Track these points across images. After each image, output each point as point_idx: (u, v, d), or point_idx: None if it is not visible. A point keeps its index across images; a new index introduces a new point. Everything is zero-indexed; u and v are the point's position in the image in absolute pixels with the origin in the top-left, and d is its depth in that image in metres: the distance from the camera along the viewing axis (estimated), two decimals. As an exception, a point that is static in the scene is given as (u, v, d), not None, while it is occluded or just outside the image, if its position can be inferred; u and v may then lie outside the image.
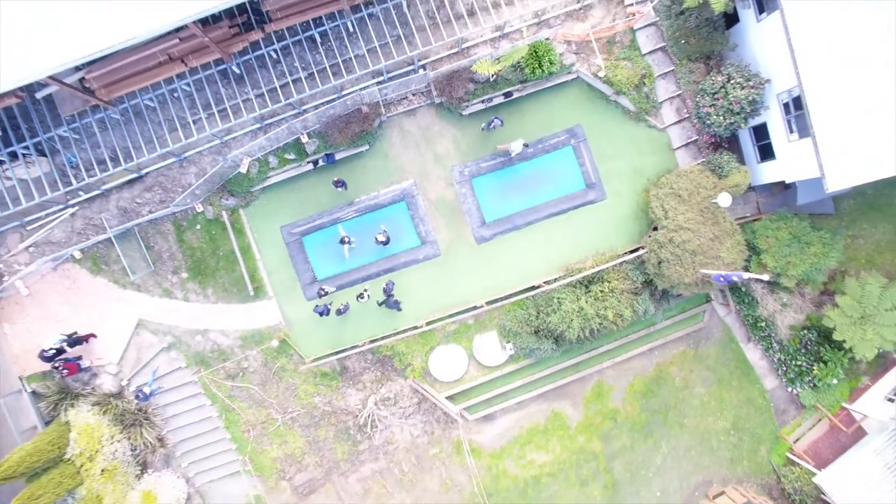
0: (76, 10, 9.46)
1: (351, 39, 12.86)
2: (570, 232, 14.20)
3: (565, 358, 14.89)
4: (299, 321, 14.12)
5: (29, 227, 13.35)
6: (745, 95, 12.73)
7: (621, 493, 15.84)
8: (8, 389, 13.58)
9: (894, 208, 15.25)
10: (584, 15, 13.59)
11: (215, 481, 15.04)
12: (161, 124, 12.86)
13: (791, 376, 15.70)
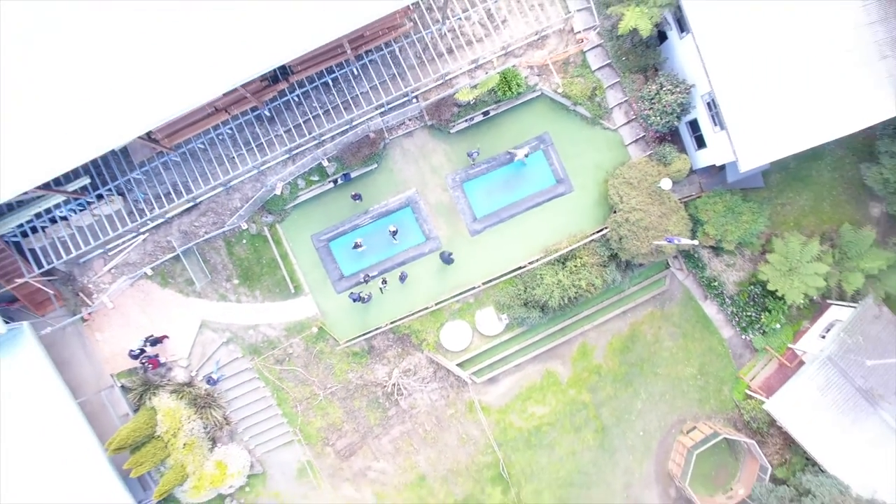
0: (157, 86, 12.95)
1: (356, 81, 16.41)
2: (546, 220, 17.72)
3: (552, 324, 18.40)
4: (332, 311, 17.65)
5: (110, 253, 16.90)
6: (674, 99, 16.22)
7: (610, 435, 19.29)
8: (104, 385, 17.13)
9: (813, 179, 18.73)
10: (542, 44, 17.10)
11: (272, 451, 18.55)
12: (210, 161, 16.42)
13: (743, 325, 19.17)
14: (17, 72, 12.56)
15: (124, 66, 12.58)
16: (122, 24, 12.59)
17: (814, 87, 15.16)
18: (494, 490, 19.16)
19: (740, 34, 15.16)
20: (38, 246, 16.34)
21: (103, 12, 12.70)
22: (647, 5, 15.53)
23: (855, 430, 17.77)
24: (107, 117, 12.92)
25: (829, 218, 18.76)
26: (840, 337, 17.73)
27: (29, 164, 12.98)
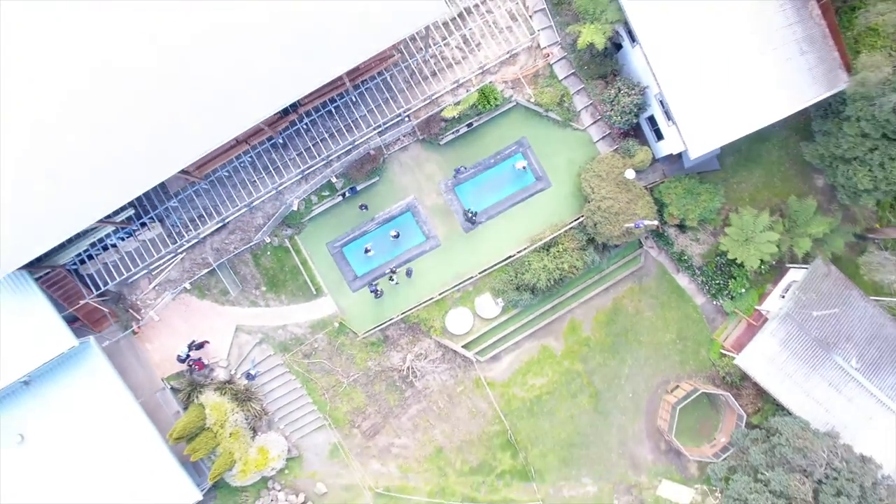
0: (195, 128, 15.77)
1: (355, 107, 19.27)
2: (529, 213, 20.58)
3: (543, 304, 21.24)
4: (349, 307, 20.51)
5: (154, 272, 19.75)
6: (631, 101, 19.06)
7: (602, 399, 22.11)
8: (156, 387, 19.98)
9: (763, 158, 21.55)
10: (514, 61, 19.95)
11: (305, 435, 21.40)
12: (235, 186, 19.27)
13: (713, 292, 21.99)
14: (83, 124, 15.41)
15: (168, 114, 15.44)
16: (160, 78, 15.45)
17: (747, 82, 18.00)
18: (504, 455, 21.99)
19: (682, 41, 17.99)
20: (93, 271, 19.22)
21: (142, 71, 15.54)
22: (600, 22, 18.39)
23: (815, 375, 20.58)
24: (154, 159, 15.80)
25: (779, 191, 21.58)
26: (796, 295, 20.53)
27: (91, 202, 15.85)
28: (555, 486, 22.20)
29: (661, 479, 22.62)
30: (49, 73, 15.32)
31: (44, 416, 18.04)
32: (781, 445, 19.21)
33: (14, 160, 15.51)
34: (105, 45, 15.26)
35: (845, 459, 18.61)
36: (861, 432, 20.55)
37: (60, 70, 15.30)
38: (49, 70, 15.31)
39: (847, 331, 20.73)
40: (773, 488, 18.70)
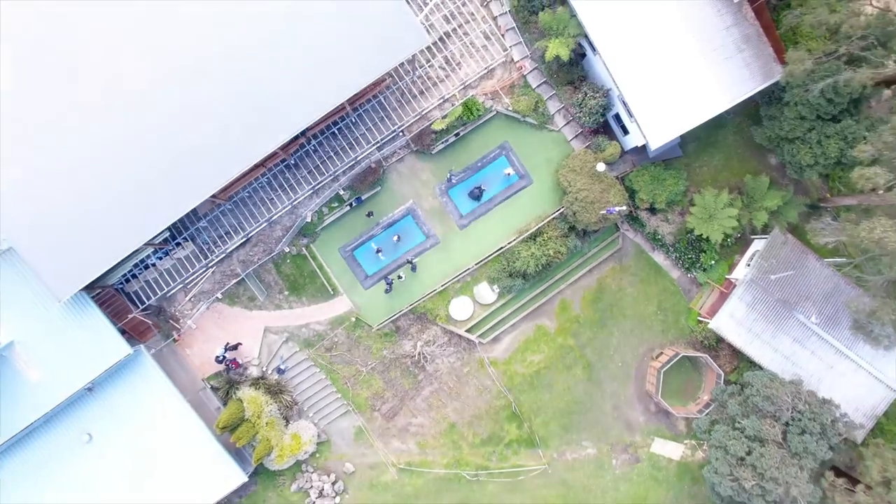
0: (218, 159, 18.81)
1: (355, 127, 22.33)
2: (515, 208, 23.65)
3: (534, 288, 24.27)
4: (363, 303, 23.56)
5: (189, 286, 22.81)
6: (596, 103, 22.11)
7: (595, 368, 25.11)
8: (198, 387, 23.03)
9: (721, 143, 24.57)
10: (491, 75, 23.02)
11: (332, 421, 24.43)
12: (255, 204, 22.34)
13: (686, 266, 25.00)
14: (131, 163, 18.49)
15: (199, 149, 18.51)
16: (195, 118, 18.51)
17: (694, 79, 21.06)
18: (511, 426, 24.99)
19: (636, 48, 21.05)
20: (136, 288, 22.30)
21: (179, 113, 18.61)
22: (564, 37, 21.44)
23: (780, 332, 23.59)
24: (188, 187, 18.89)
25: (737, 171, 24.60)
26: (758, 262, 23.53)
27: (137, 229, 18.94)
28: (558, 451, 25.21)
29: (653, 437, 25.62)
30: (100, 120, 18.43)
31: (107, 416, 21.12)
32: (753, 396, 22.20)
33: (76, 198, 18.63)
34: (147, 89, 18.38)
35: (808, 402, 21.59)
36: (824, 379, 23.60)
37: (111, 115, 18.41)
38: (100, 117, 18.43)
39: (806, 291, 23.74)
40: (748, 433, 21.69)
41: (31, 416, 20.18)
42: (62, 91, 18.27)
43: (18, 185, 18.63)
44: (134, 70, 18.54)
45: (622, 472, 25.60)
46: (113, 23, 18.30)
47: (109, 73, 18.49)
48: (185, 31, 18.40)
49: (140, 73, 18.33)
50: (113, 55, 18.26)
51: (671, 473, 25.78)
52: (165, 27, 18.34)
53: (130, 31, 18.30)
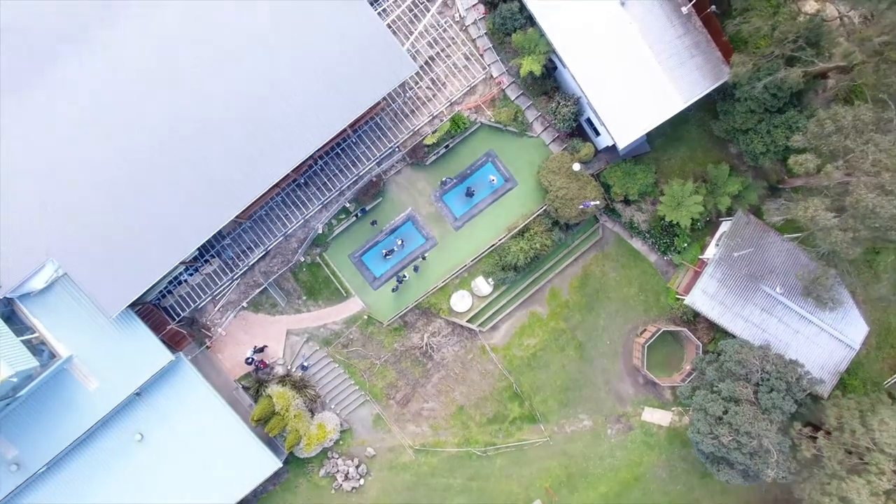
0: (240, 185, 21.94)
1: (356, 146, 25.46)
2: (504, 208, 26.73)
3: (526, 279, 27.35)
4: (373, 303, 26.67)
5: (217, 297, 25.92)
6: (568, 110, 25.14)
7: (586, 347, 28.16)
8: (231, 388, 26.14)
9: (685, 137, 27.60)
10: (474, 91, 26.10)
11: (352, 411, 27.53)
12: (272, 221, 25.46)
13: (662, 250, 28.03)
14: (167, 193, 21.64)
15: (224, 176, 21.64)
16: (224, 152, 21.64)
17: (653, 84, 24.08)
18: (513, 405, 28.06)
19: (600, 60, 24.09)
20: (172, 302, 25.42)
21: (209, 147, 21.75)
22: (535, 54, 24.48)
23: (749, 304, 26.63)
24: (216, 211, 22.01)
25: (701, 162, 27.61)
26: (725, 242, 26.56)
27: (173, 250, 22.06)
28: (558, 425, 28.28)
29: (643, 406, 28.67)
30: (137, 157, 21.59)
31: (155, 417, 24.25)
32: (726, 361, 25.24)
33: (119, 227, 21.78)
34: (178, 128, 21.53)
35: (775, 364, 24.61)
36: (791, 343, 26.67)
37: (147, 152, 21.58)
38: (137, 155, 21.59)
39: (770, 265, 26.77)
40: (724, 395, 24.73)
41: (91, 420, 23.34)
42: (109, 134, 21.43)
43: (69, 217, 21.82)
44: (167, 112, 21.69)
45: (617, 440, 28.66)
46: (151, 68, 21.44)
47: (145, 114, 21.64)
48: (210, 77, 21.54)
49: (173, 115, 21.47)
50: (149, 99, 21.42)
51: (662, 438, 28.84)
52: (195, 72, 21.50)
53: (166, 78, 21.46)
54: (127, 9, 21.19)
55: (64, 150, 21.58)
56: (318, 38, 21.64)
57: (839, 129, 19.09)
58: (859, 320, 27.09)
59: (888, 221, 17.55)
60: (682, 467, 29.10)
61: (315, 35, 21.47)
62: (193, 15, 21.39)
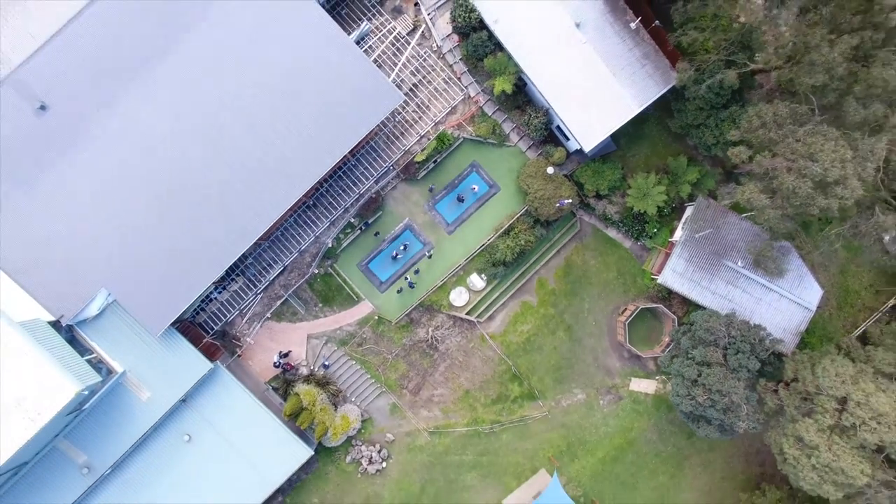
0: (259, 212, 25.69)
1: (356, 168, 29.23)
2: (490, 211, 30.50)
3: (514, 272, 31.09)
4: (382, 304, 30.47)
5: (244, 311, 29.73)
6: (539, 121, 28.85)
7: (574, 329, 31.88)
8: (263, 389, 29.96)
9: (647, 134, 31.29)
10: (455, 111, 29.84)
11: (371, 402, 31.31)
12: (287, 240, 29.27)
13: (635, 236, 31.71)
14: (202, 224, 25.47)
15: (247, 204, 25.44)
16: (246, 184, 25.45)
17: (610, 92, 27.77)
18: (514, 385, 31.79)
19: (562, 77, 27.78)
20: (205, 318, 29.24)
21: (235, 182, 25.57)
22: (506, 75, 28.17)
23: (716, 278, 30.30)
24: (240, 236, 25.84)
25: (662, 155, 31.30)
26: (689, 225, 30.23)
27: (206, 272, 25.89)
28: (555, 400, 32.01)
29: (630, 377, 32.38)
30: (171, 193, 25.43)
31: (200, 420, 28.05)
32: (697, 330, 28.92)
33: (158, 256, 25.61)
34: (203, 169, 25.37)
35: (739, 329, 28.26)
36: (756, 310, 30.36)
37: (179, 188, 25.43)
38: (171, 190, 25.43)
39: (731, 242, 30.44)
40: (698, 360, 28.40)
41: (146, 426, 27.17)
42: (146, 179, 25.29)
43: (114, 252, 25.64)
44: (196, 156, 25.47)
45: (609, 409, 32.37)
46: (179, 122, 25.27)
47: (177, 159, 25.42)
48: (231, 125, 25.37)
49: (201, 158, 25.33)
50: (180, 147, 25.28)
51: (649, 405, 32.54)
52: (218, 123, 25.34)
53: (193, 130, 25.31)
54: (159, 73, 24.93)
55: (108, 196, 25.41)
56: (318, 83, 25.44)
57: (764, 124, 22.76)
58: (814, 285, 30.73)
59: (806, 199, 21.17)
60: (670, 430, 32.80)
61: (315, 80, 25.29)
62: (214, 76, 25.18)
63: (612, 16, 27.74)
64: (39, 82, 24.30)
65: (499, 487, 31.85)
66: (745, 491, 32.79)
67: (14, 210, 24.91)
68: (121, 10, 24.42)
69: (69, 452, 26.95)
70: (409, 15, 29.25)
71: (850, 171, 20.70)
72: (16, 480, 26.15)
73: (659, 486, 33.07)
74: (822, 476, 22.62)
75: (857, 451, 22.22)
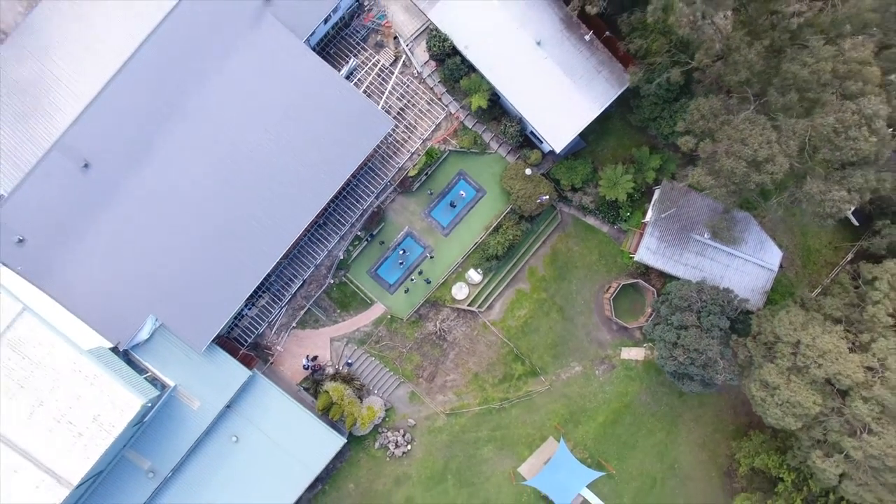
0: (281, 231, 29.87)
1: (357, 188, 33.34)
2: (479, 213, 34.65)
3: (507, 264, 35.23)
4: (393, 305, 34.68)
5: (272, 323, 33.91)
6: (514, 129, 32.95)
7: (566, 308, 35.97)
8: (295, 390, 34.14)
9: (613, 130, 35.35)
10: (440, 127, 33.98)
11: (391, 392, 35.47)
12: (304, 257, 33.43)
13: (611, 221, 35.78)
14: (231, 253, 29.71)
15: (267, 230, 29.63)
16: (258, 213, 29.66)
17: (573, 98, 31.81)
18: (517, 365, 35.88)
19: (529, 88, 31.86)
20: (238, 333, 33.43)
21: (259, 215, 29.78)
22: (481, 92, 32.24)
23: (685, 251, 34.34)
24: (264, 259, 30.03)
25: (628, 147, 35.35)
26: (657, 206, 34.25)
27: (237, 293, 30.09)
28: (555, 374, 36.09)
29: (620, 347, 36.42)
30: (206, 230, 29.66)
31: (244, 422, 32.22)
32: (673, 299, 32.98)
33: (198, 283, 29.87)
34: (230, 206, 29.60)
35: (709, 293, 32.29)
36: (725, 276, 34.39)
37: (211, 225, 29.67)
38: (205, 229, 29.66)
39: (696, 218, 34.46)
40: (676, 324, 32.49)
41: (198, 431, 31.37)
42: (181, 218, 29.57)
43: (159, 283, 29.83)
44: (223, 194, 29.72)
45: (605, 378, 36.44)
46: (209, 167, 29.52)
47: (210, 197, 29.64)
48: (248, 163, 29.61)
49: (227, 195, 29.58)
50: (211, 187, 29.53)
51: (640, 370, 36.60)
52: (239, 164, 29.58)
53: (219, 173, 29.59)
54: (184, 125, 29.13)
55: (148, 235, 29.65)
56: (319, 118, 29.65)
57: (703, 116, 26.78)
58: (774, 248, 34.73)
59: (743, 177, 25.18)
60: (662, 391, 36.84)
61: (316, 116, 29.54)
62: (231, 124, 29.46)
63: (567, 31, 31.81)
64: (82, 144, 28.55)
65: (513, 457, 35.97)
66: (735, 439, 36.84)
67: (71, 256, 29.18)
68: (148, 73, 28.66)
69: (136, 460, 31.20)
70: (390, 48, 33.39)
71: (776, 150, 24.71)
72: (94, 487, 30.41)
73: (657, 443, 37.13)
74: (783, 410, 26.59)
75: (810, 386, 26.17)
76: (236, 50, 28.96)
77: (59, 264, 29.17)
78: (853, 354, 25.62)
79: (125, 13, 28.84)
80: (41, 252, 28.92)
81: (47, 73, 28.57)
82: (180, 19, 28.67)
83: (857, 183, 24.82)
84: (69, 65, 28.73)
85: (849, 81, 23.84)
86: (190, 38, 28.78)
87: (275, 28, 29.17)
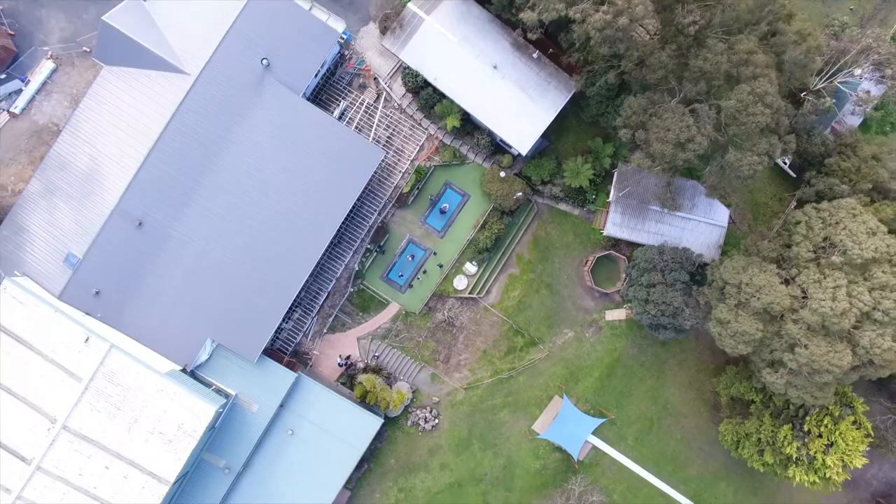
0: (307, 253, 36.13)
1: (361, 208, 39.56)
2: (467, 215, 40.97)
3: (497, 254, 41.39)
4: (406, 302, 41.09)
5: (307, 332, 40.20)
6: (485, 140, 39.13)
7: (553, 284, 42.12)
8: (334, 386, 40.41)
9: (571, 128, 41.48)
10: (423, 147, 40.14)
11: (415, 377, 41.77)
12: (325, 272, 39.68)
13: (580, 204, 41.94)
14: (269, 281, 36.09)
15: (296, 254, 35.90)
16: (286, 243, 35.95)
17: (530, 108, 37.87)
18: (518, 338, 42.05)
19: (492, 105, 38.00)
20: (280, 344, 39.75)
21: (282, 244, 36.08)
22: (453, 114, 38.39)
23: (647, 220, 40.44)
24: (296, 278, 36.33)
25: (585, 139, 41.46)
26: (616, 186, 40.28)
27: (277, 310, 36.40)
28: (551, 342, 42.22)
29: (604, 311, 42.52)
30: (250, 261, 35.99)
31: (296, 417, 38.52)
32: (639, 262, 39.01)
33: (246, 306, 36.19)
34: (262, 238, 35.92)
35: (669, 254, 38.28)
36: (683, 237, 40.43)
37: (252, 257, 36.01)
38: (249, 259, 35.99)
39: (651, 192, 40.43)
40: (645, 284, 38.51)
41: (260, 430, 37.72)
42: (224, 250, 35.94)
43: (211, 309, 36.16)
44: (257, 229, 36.08)
45: (595, 339, 42.52)
46: (239, 209, 35.87)
47: (243, 233, 35.98)
48: (272, 198, 35.90)
49: (259, 230, 35.91)
50: (242, 225, 35.87)
51: (624, 328, 42.68)
52: (261, 204, 35.90)
53: (247, 210, 35.90)
54: (216, 178, 35.56)
55: (198, 273, 36.04)
56: (322, 158, 36.00)
57: (634, 112, 32.83)
58: (721, 207, 40.71)
59: (672, 157, 31.25)
60: (646, 343, 42.89)
61: (320, 156, 35.91)
62: (254, 174, 35.96)
63: (518, 52, 37.92)
64: (135, 207, 34.95)
65: (527, 417, 42.14)
66: (716, 376, 42.83)
67: (137, 298, 35.62)
68: (179, 141, 35.06)
69: (212, 460, 37.61)
70: (372, 88, 39.63)
71: (694, 131, 30.74)
72: (183, 485, 36.81)
73: (649, 388, 43.19)
74: (735, 340, 32.56)
75: (753, 317, 32.11)
76: (249, 111, 35.31)
77: (129, 307, 35.63)
78: (782, 286, 31.57)
79: (151, 94, 35.20)
80: (114, 299, 35.39)
81: (99, 154, 34.98)
82: (199, 93, 35.02)
83: (763, 148, 30.79)
84: (115, 145, 35.12)
85: (742, 68, 29.84)
86: (210, 106, 35.16)
87: (276, 88, 35.49)
